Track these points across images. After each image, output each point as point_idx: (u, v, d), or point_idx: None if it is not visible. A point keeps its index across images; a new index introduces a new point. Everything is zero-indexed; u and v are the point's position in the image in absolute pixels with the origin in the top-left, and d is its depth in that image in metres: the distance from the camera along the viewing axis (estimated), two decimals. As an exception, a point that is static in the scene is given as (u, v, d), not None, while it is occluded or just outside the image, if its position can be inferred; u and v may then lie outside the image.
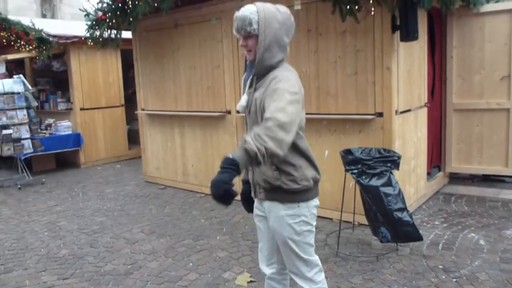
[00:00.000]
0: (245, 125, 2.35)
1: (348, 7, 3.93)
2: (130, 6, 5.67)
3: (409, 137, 4.69)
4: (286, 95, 1.97)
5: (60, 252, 4.25)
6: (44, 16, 30.57)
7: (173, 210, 5.39)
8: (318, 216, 4.70)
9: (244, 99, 2.22)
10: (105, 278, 3.65)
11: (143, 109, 6.81)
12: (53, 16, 30.88)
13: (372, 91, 4.34)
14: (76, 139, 8.14)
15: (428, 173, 5.43)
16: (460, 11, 5.12)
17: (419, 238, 3.64)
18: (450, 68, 5.55)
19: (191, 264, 3.84)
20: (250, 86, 2.21)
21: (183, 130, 6.25)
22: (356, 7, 3.91)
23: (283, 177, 2.14)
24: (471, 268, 3.51)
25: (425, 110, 5.09)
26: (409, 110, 4.65)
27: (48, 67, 8.90)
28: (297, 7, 4.66)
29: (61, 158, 8.31)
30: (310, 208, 2.26)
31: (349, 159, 3.75)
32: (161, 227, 4.79)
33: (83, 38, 7.25)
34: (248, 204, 2.45)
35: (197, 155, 6.10)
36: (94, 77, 8.42)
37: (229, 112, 5.59)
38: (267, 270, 2.41)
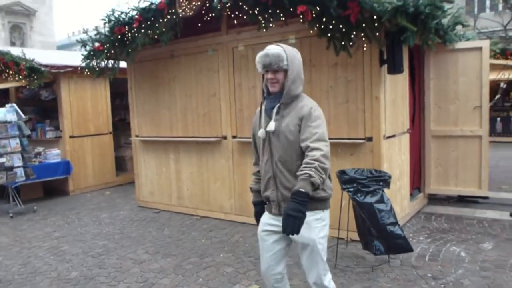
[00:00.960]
0: (267, 146, 2.64)
1: (342, 43, 4.39)
2: (130, 37, 6.00)
3: (395, 160, 5.14)
4: (321, 121, 2.50)
5: (70, 274, 4.40)
6: (13, 44, 30.39)
7: (173, 232, 5.61)
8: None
9: (273, 125, 2.57)
10: (120, 295, 3.85)
11: (137, 136, 7.06)
12: (22, 44, 30.72)
13: (362, 118, 4.78)
14: (65, 166, 8.25)
15: (411, 194, 5.87)
16: (437, 47, 5.69)
17: (410, 249, 4.02)
18: (428, 98, 6.09)
19: (201, 279, 4.09)
20: (278, 114, 2.59)
21: (178, 155, 6.53)
22: (350, 43, 4.37)
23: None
24: (456, 275, 3.90)
25: (407, 135, 5.57)
26: (394, 136, 5.11)
27: (36, 96, 9.03)
28: (292, 40, 5.14)
29: (49, 186, 8.37)
30: (328, 215, 2.61)
31: (345, 179, 4.13)
32: (164, 248, 5.01)
33: (78, 68, 7.48)
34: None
35: (193, 179, 6.37)
36: (84, 105, 8.62)
37: (225, 138, 5.92)
38: (271, 279, 2.71)
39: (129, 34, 5.96)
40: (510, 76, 11.20)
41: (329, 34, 4.47)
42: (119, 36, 6.05)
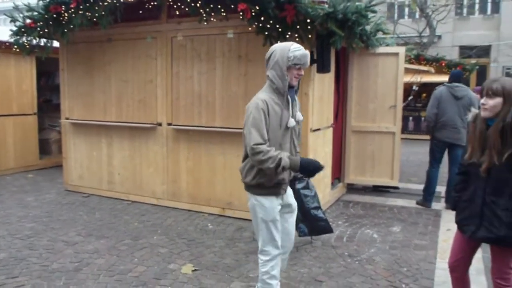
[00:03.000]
0: (289, 134, 3.04)
1: (278, 41, 4.73)
2: (66, 17, 5.90)
3: (319, 151, 5.61)
4: None
5: (-2, 255, 4.36)
6: None
7: (104, 216, 5.67)
8: (243, 218, 5.40)
9: (300, 115, 3.08)
10: (55, 275, 3.91)
11: (67, 118, 6.95)
12: None
13: (292, 112, 5.17)
14: (-16, 146, 7.88)
15: (332, 183, 6.41)
16: (360, 51, 6.24)
17: (330, 230, 4.49)
18: (350, 96, 6.66)
19: (136, 259, 4.26)
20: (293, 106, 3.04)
21: (111, 140, 6.55)
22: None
23: None
24: (369, 253, 4.44)
25: (331, 130, 6.07)
26: (319, 129, 5.57)
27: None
28: (230, 35, 5.40)
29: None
30: None
31: (276, 167, 4.49)
32: (97, 230, 5.08)
33: (7, 44, 7.17)
34: None
35: (125, 164, 6.44)
36: (7, 83, 8.22)
37: (160, 124, 6.06)
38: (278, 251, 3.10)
39: (66, 14, 5.85)
40: (422, 79, 12.33)
41: (266, 33, 4.80)
42: (55, 15, 5.92)
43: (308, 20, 4.57)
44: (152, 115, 6.12)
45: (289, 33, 4.71)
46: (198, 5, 5.00)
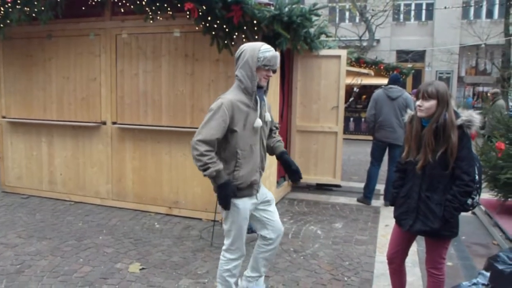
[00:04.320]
0: (258, 134, 3.01)
1: (225, 41, 4.80)
2: (2, 12, 5.65)
3: (266, 150, 5.73)
4: None
5: None
6: None
7: (46, 217, 5.48)
8: (190, 217, 5.42)
9: (269, 116, 3.07)
10: (-5, 277, 3.76)
11: (4, 117, 6.64)
12: None
13: (239, 111, 5.26)
14: None
15: (277, 182, 6.56)
16: (304, 53, 6.44)
17: (277, 227, 4.61)
18: (295, 97, 6.86)
19: (81, 259, 4.17)
20: (264, 105, 3.05)
21: (52, 139, 6.33)
22: (232, 42, 4.80)
23: None
24: (313, 249, 4.61)
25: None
26: (265, 129, 5.69)
27: None
28: (176, 34, 5.40)
29: None
30: None
31: (223, 166, 4.55)
32: (38, 232, 4.91)
33: None
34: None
35: (67, 163, 6.25)
36: None
37: (104, 123, 5.94)
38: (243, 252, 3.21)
39: (2, 9, 5.61)
40: (362, 82, 12.86)
41: (213, 32, 4.85)
42: (-11, 9, 5.65)
43: (255, 22, 4.68)
44: (95, 113, 5.99)
45: (236, 33, 4.79)
46: (143, 3, 4.96)
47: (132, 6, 5.15)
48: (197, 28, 5.00)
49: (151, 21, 5.20)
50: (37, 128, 6.40)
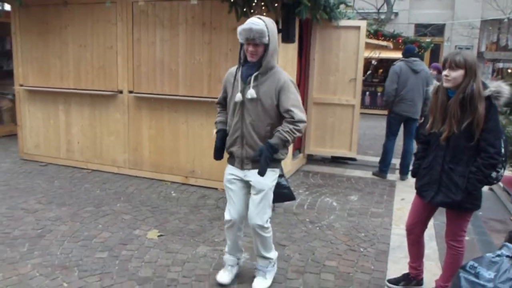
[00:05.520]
0: (239, 109, 2.96)
1: (244, 9, 4.71)
2: (18, -22, 5.61)
3: (282, 121, 5.69)
4: (297, 91, 2.92)
5: (-47, 221, 4.22)
6: None
7: (64, 184, 5.56)
8: (206, 187, 5.45)
9: (253, 92, 2.86)
10: (18, 241, 3.84)
11: (21, 85, 6.67)
12: None
13: (256, 81, 5.20)
14: None
15: (292, 154, 6.54)
16: (323, 23, 6.30)
17: (293, 198, 4.55)
18: (312, 68, 6.75)
19: (100, 225, 4.24)
20: (255, 81, 2.88)
21: (69, 107, 6.36)
22: (251, 10, 4.71)
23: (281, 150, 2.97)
24: (329, 220, 4.62)
25: (293, 101, 6.16)
26: (282, 100, 5.63)
27: None
28: (193, 1, 5.29)
29: None
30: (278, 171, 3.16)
31: (240, 136, 4.54)
32: (57, 198, 4.99)
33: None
34: (219, 154, 3.15)
35: (84, 132, 6.29)
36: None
37: (121, 92, 5.93)
38: (235, 216, 3.13)
39: (18, -26, 5.57)
40: (380, 54, 12.62)
41: (232, 0, 4.75)
42: (6, -25, 5.62)
43: (275, -11, 4.57)
44: (112, 82, 5.98)
45: (255, 1, 4.69)
46: (162, -31, 4.87)
47: (149, -27, 5.06)
48: (215, -5, 4.90)
49: (169, -12, 5.12)
50: (54, 96, 6.42)
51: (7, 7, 6.52)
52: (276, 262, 3.33)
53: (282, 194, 4.53)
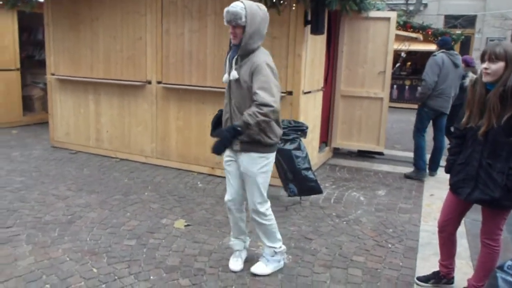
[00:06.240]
0: (227, 91, 3.10)
1: (273, 0, 4.67)
2: (51, -31, 5.70)
3: (310, 114, 5.65)
4: (269, 74, 2.86)
5: (-12, 206, 4.35)
6: None
7: (93, 172, 5.66)
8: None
9: (235, 73, 2.93)
10: (49, 226, 3.94)
11: (53, 74, 6.80)
12: None
13: (284, 73, 5.17)
14: (-34, 101, 7.69)
15: (319, 147, 6.49)
16: (352, 14, 6.19)
17: (320, 191, 4.60)
18: (340, 60, 6.66)
19: (128, 213, 4.30)
20: (236, 63, 2.94)
21: (99, 97, 6.46)
22: (280, 1, 4.66)
23: (262, 134, 2.94)
24: (356, 215, 4.57)
25: (321, 93, 6.10)
26: (310, 92, 5.59)
27: None
28: (222, -7, 5.28)
29: None
30: (273, 157, 3.11)
31: (268, 128, 4.52)
32: (87, 185, 5.09)
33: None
34: (212, 131, 3.22)
35: (113, 122, 6.38)
36: (-12, 38, 7.98)
37: (150, 82, 5.99)
38: (237, 205, 3.25)
39: (51, -35, 5.65)
40: (410, 47, 12.37)
41: (261, -9, 4.71)
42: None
43: (305, -21, 4.51)
44: (141, 72, 6.04)
45: (285, -8, 4.65)
46: (192, -41, 4.86)
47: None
48: (245, -14, 4.86)
49: (198, -21, 5.11)
50: (85, 86, 6.53)
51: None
52: (282, 255, 3.36)
53: (309, 187, 4.55)
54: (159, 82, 5.92)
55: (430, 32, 13.05)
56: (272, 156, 3.12)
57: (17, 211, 4.24)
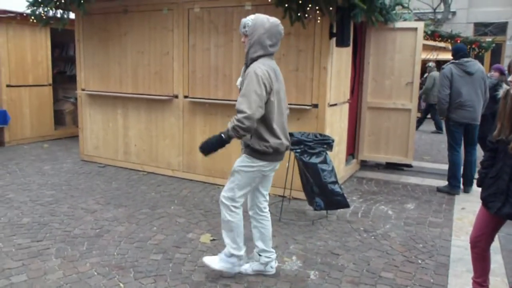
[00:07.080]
0: None
1: (298, 14, 4.68)
2: (82, -12, 5.87)
3: (336, 126, 5.60)
4: (253, 81, 2.93)
5: (22, 220, 4.46)
6: None
7: (121, 185, 5.75)
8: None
9: (239, 81, 3.22)
10: (78, 240, 4.00)
11: (83, 89, 6.98)
12: None
13: (310, 86, 5.15)
14: (2, 116, 7.95)
15: (346, 160, 6.42)
16: (379, 25, 6.13)
17: (347, 205, 4.52)
18: (367, 72, 6.60)
19: (155, 228, 4.34)
20: (244, 71, 3.13)
21: (127, 111, 6.58)
22: (305, 15, 4.67)
23: (252, 139, 3.08)
24: (384, 229, 4.48)
25: (347, 105, 6.05)
26: (336, 104, 5.55)
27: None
28: (248, 7, 5.35)
29: (-18, 135, 8.07)
30: (259, 163, 3.17)
31: (293, 140, 4.50)
32: (115, 199, 5.17)
33: (24, 14, 7.16)
34: None
35: (141, 135, 6.48)
36: (22, 54, 8.27)
37: (177, 97, 6.07)
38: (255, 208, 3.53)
39: (81, -16, 5.83)
40: (438, 56, 12.16)
41: (286, 5, 4.74)
42: (71, -15, 5.90)
43: (330, -8, 4.51)
44: (168, 87, 6.13)
45: (310, 5, 4.64)
46: (217, -25, 4.93)
47: (204, -21, 5.14)
48: (269, 0, 4.90)
49: (224, -6, 5.18)
50: (113, 100, 6.67)
51: (72, 15, 6.84)
52: (239, 263, 3.40)
53: (335, 201, 4.49)
54: (185, 96, 5.99)
55: (459, 41, 12.80)
56: (258, 164, 3.16)
57: (48, 225, 4.33)
